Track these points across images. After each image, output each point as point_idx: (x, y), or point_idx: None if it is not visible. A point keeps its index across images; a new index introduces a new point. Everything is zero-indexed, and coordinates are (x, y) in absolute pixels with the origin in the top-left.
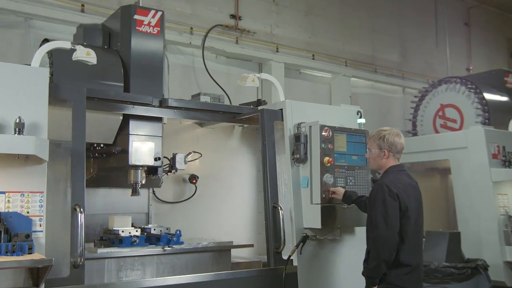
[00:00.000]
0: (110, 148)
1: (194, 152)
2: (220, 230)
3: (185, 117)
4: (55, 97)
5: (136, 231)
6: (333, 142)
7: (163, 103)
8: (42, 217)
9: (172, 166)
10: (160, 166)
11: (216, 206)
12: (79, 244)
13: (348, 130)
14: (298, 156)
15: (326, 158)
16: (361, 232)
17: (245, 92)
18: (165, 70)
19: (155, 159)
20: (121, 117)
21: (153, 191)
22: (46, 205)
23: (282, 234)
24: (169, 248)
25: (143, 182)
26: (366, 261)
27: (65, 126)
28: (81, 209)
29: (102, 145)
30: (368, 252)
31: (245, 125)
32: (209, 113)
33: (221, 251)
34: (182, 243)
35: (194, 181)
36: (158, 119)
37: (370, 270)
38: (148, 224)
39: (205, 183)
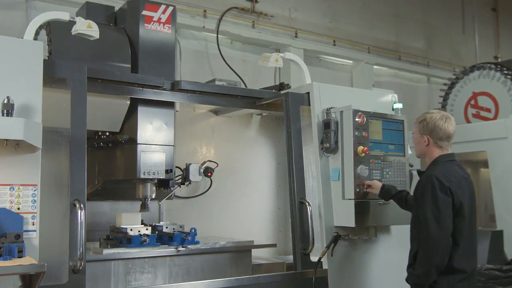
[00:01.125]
0: (117, 137)
1: (210, 161)
2: (237, 227)
3: (200, 102)
4: (52, 75)
5: (147, 229)
6: (367, 130)
7: (175, 86)
8: (35, 214)
9: (185, 178)
10: (171, 179)
11: (232, 201)
12: (79, 245)
13: (384, 116)
14: (327, 145)
15: (360, 147)
16: (398, 231)
17: (262, 79)
18: (177, 56)
19: (167, 171)
20: (128, 102)
21: None
22: (41, 200)
23: (310, 233)
24: (183, 249)
25: (153, 196)
26: (411, 266)
27: (64, 111)
28: (81, 205)
29: (107, 134)
30: (413, 256)
31: (263, 114)
32: (226, 98)
33: (241, 251)
34: (197, 242)
35: (209, 174)
36: (170, 105)
37: (418, 276)
38: (159, 221)
39: (221, 176)
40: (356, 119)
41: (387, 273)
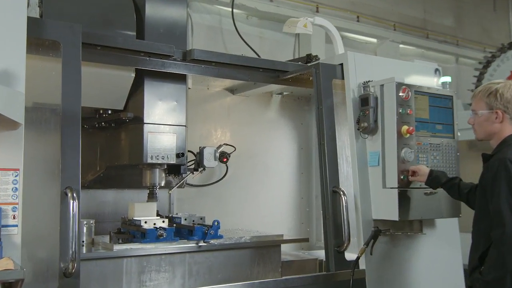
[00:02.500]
0: (120, 115)
1: (226, 144)
2: (255, 219)
3: (216, 75)
4: (38, 36)
5: (163, 221)
6: (413, 106)
7: (187, 56)
8: (16, 206)
9: (199, 163)
10: (183, 164)
11: (250, 190)
12: (72, 243)
13: (431, 91)
14: (365, 124)
15: (405, 127)
16: (445, 225)
17: (281, 58)
18: (188, 32)
19: (178, 155)
20: (133, 75)
21: None
22: (25, 189)
23: (345, 227)
24: (205, 244)
25: (162, 183)
26: (476, 270)
27: (55, 83)
28: (74, 194)
29: (109, 112)
30: (480, 257)
31: (284, 93)
32: (246, 70)
33: (269, 247)
34: (221, 237)
35: (225, 159)
36: (181, 79)
37: (489, 283)
38: (169, 212)
39: (238, 162)
40: (400, 94)
41: (434, 274)
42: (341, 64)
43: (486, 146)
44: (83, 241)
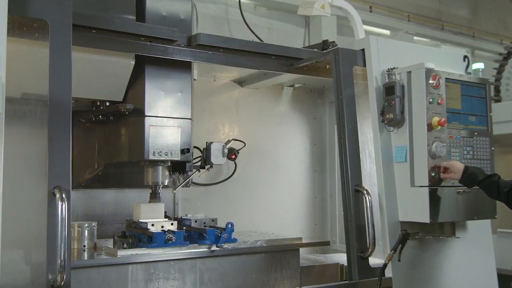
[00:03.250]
0: (119, 107)
1: (235, 139)
2: (266, 220)
3: (224, 63)
4: (23, 15)
5: (172, 224)
6: (444, 96)
7: (193, 41)
8: None
9: (205, 160)
10: (189, 161)
11: (260, 189)
12: (61, 251)
13: (463, 79)
14: (391, 116)
15: (436, 119)
16: (478, 226)
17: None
18: (193, 22)
19: (183, 151)
20: (132, 62)
21: None
22: (6, 189)
23: (369, 231)
24: (218, 249)
25: (166, 182)
26: None
27: (43, 70)
28: (63, 195)
29: (107, 104)
30: None
31: (296, 85)
32: (257, 57)
33: (287, 251)
34: (235, 240)
35: (233, 156)
36: (186, 67)
37: None
38: (174, 214)
39: (247, 159)
40: (430, 81)
41: (466, 281)
42: (363, 50)
43: (509, 141)
44: (84, 246)
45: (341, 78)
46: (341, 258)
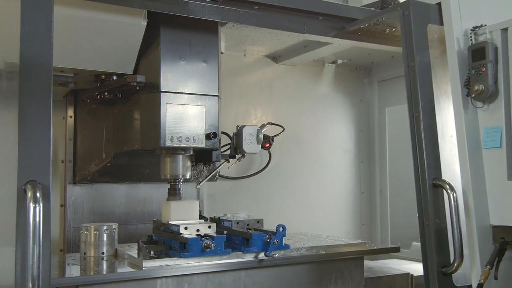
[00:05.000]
0: (127, 79)
1: (271, 123)
2: (304, 219)
3: (258, 24)
4: None
5: (209, 226)
6: None
7: None
8: None
9: (236, 147)
10: (216, 149)
11: (298, 182)
12: (32, 267)
13: None
14: (480, 87)
15: None
16: None
17: None
18: None
19: (209, 137)
20: (144, 22)
21: None
22: None
23: (455, 238)
24: (267, 258)
25: (188, 175)
26: None
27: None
28: (37, 193)
29: (114, 78)
30: None
31: (339, 62)
32: (300, 18)
33: (350, 259)
34: (287, 247)
35: (267, 145)
36: (212, 30)
37: None
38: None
39: (283, 148)
40: None
41: None
42: (438, 4)
43: None
44: (103, 253)
45: (413, 40)
46: (407, 265)
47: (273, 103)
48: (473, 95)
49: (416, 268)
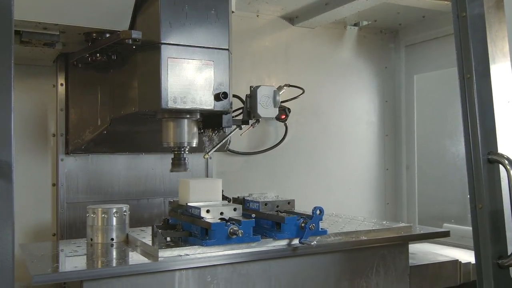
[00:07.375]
0: (121, 35)
1: (288, 85)
2: (325, 197)
3: None
4: None
5: (234, 209)
6: None
7: None
8: None
9: (249, 111)
10: (227, 112)
11: (316, 158)
12: None
13: None
14: None
15: None
16: None
17: None
18: None
19: (218, 97)
20: None
21: None
22: None
23: None
24: (302, 245)
25: (194, 143)
26: None
27: None
28: None
29: (107, 35)
30: None
31: (362, 23)
32: None
33: (393, 246)
34: (324, 232)
35: (283, 116)
36: None
37: None
38: None
39: (300, 120)
40: None
41: None
42: None
43: None
44: (112, 239)
45: None
46: (451, 251)
47: (289, 70)
48: None
49: (455, 254)
